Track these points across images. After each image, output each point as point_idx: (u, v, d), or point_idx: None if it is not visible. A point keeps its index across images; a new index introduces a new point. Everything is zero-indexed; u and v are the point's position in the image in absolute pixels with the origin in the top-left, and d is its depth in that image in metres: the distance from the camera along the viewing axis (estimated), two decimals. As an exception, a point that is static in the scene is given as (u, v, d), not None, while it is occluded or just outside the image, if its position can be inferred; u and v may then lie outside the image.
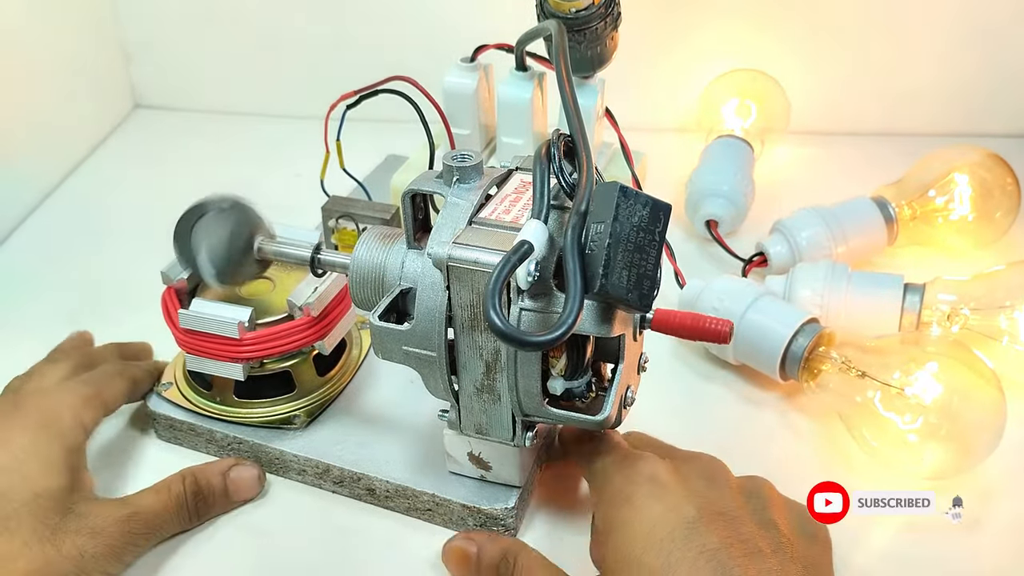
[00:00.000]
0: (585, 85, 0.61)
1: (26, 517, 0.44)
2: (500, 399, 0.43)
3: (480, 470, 0.49)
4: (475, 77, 0.63)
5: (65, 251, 0.73)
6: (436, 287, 0.42)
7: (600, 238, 0.38)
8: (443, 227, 0.43)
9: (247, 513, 0.51)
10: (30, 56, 0.77)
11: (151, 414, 0.54)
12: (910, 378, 0.51)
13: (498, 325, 0.35)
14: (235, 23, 0.86)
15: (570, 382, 0.43)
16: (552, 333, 0.36)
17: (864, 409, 0.52)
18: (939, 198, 0.66)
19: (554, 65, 0.46)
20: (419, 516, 0.50)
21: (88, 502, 0.46)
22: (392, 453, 0.51)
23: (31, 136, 0.77)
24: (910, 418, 0.51)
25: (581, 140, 0.42)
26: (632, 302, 0.38)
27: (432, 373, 0.44)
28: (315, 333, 0.52)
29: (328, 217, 0.64)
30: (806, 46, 0.80)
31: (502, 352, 0.42)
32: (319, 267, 0.50)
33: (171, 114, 0.91)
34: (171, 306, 0.52)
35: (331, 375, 0.55)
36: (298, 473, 0.52)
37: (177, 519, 0.49)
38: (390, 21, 0.82)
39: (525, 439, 0.44)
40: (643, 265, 0.38)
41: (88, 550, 0.44)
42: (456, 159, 0.44)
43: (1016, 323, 0.56)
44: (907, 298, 0.58)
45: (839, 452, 0.54)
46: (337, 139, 0.62)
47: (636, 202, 0.38)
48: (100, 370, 0.53)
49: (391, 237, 0.47)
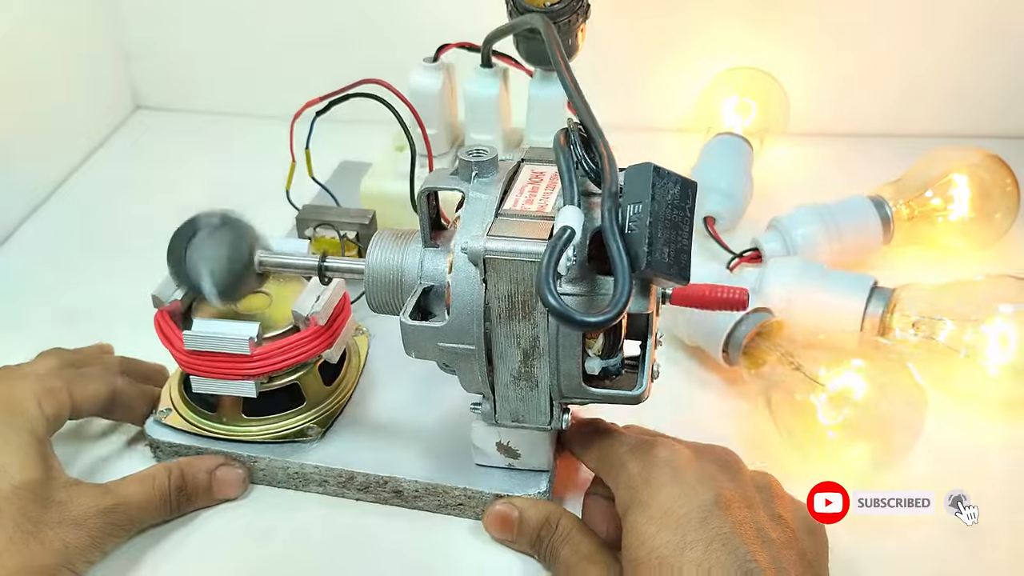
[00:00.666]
0: (553, 78, 0.63)
1: (8, 511, 0.43)
2: (537, 385, 0.44)
3: (509, 459, 0.50)
4: (440, 77, 0.63)
5: (65, 252, 0.73)
6: (470, 281, 0.43)
7: (640, 217, 0.39)
8: (470, 222, 0.43)
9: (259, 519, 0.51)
10: (30, 57, 0.76)
11: (152, 442, 0.53)
12: (836, 376, 0.52)
13: (556, 307, 0.36)
14: (235, 24, 0.86)
15: (606, 361, 0.44)
16: (609, 312, 0.37)
17: (790, 401, 0.53)
18: (936, 198, 0.66)
19: (551, 57, 0.47)
20: (449, 512, 0.51)
21: (67, 489, 0.46)
22: (413, 453, 0.52)
23: (31, 137, 0.77)
24: (832, 415, 0.52)
25: (595, 126, 0.43)
26: (674, 276, 0.40)
27: (469, 366, 0.44)
28: (324, 342, 0.51)
29: (304, 226, 0.63)
30: (806, 46, 0.80)
31: (541, 338, 0.43)
32: (328, 275, 0.49)
33: (171, 114, 0.90)
34: (168, 329, 0.51)
35: (337, 384, 0.55)
36: (319, 485, 0.52)
37: (158, 511, 0.49)
38: (392, 21, 0.82)
39: (563, 421, 0.46)
40: (679, 240, 0.40)
41: (71, 542, 0.44)
42: (472, 154, 0.44)
43: (983, 337, 0.55)
44: (872, 301, 0.58)
45: (767, 442, 0.54)
46: (306, 147, 0.61)
47: (668, 181, 0.40)
48: (80, 370, 0.52)
49: (403, 238, 0.47)
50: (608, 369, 0.44)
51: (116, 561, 0.48)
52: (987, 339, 0.55)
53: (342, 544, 0.50)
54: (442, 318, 0.45)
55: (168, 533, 0.50)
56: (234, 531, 0.50)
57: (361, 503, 0.52)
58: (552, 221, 0.42)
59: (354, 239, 0.62)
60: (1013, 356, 0.55)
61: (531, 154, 0.47)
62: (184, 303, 0.52)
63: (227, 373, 0.50)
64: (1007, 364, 0.55)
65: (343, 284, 0.53)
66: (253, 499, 0.52)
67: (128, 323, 0.60)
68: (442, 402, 0.55)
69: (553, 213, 0.43)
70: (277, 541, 0.50)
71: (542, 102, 0.63)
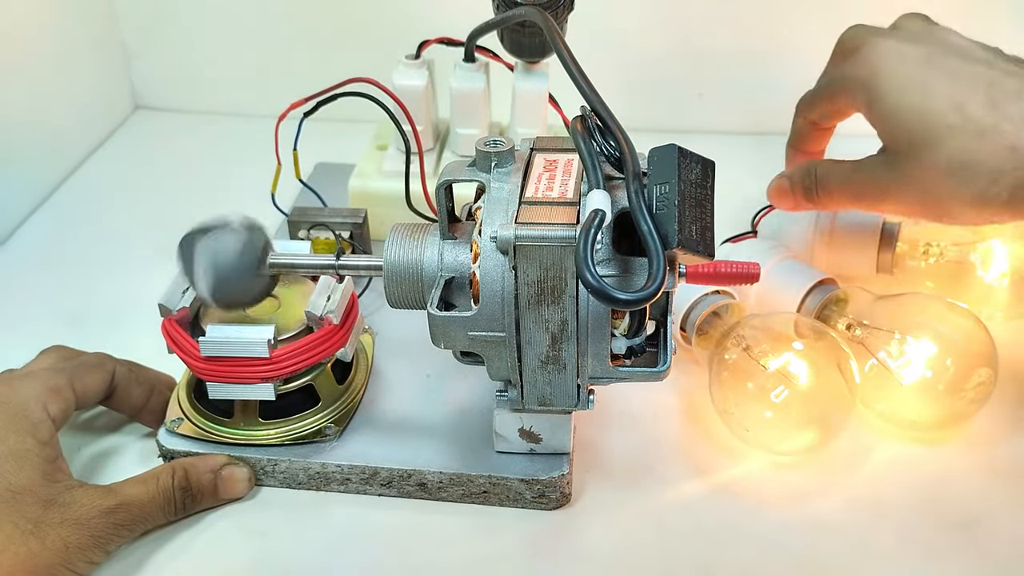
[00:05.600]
0: (535, 71, 0.64)
1: (5, 514, 0.43)
2: (565, 368, 0.45)
3: (530, 444, 0.51)
4: (424, 74, 0.64)
5: (65, 253, 0.72)
6: (499, 269, 0.43)
7: (667, 197, 0.41)
8: (494, 211, 0.44)
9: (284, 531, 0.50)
10: (30, 56, 0.75)
11: (166, 452, 0.52)
12: (776, 357, 0.52)
13: (597, 287, 0.38)
14: (235, 23, 0.85)
15: (631, 340, 0.45)
16: (649, 288, 0.38)
17: (731, 380, 0.53)
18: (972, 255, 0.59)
19: (554, 47, 0.48)
20: (473, 500, 0.51)
21: (71, 491, 0.46)
22: (432, 446, 0.52)
23: (31, 137, 0.75)
24: (772, 394, 0.51)
25: (607, 112, 0.45)
26: (702, 252, 0.41)
27: (499, 354, 0.45)
28: (339, 340, 0.51)
29: (296, 229, 0.63)
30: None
31: (569, 322, 0.44)
32: (343, 272, 0.49)
33: (171, 114, 0.89)
34: (180, 337, 0.50)
35: (349, 383, 0.55)
36: (340, 483, 0.52)
37: (163, 512, 0.49)
38: (395, 18, 0.82)
39: (589, 402, 0.47)
40: (704, 218, 0.42)
41: (72, 541, 0.44)
42: (490, 145, 0.45)
43: (902, 345, 0.53)
44: (810, 297, 0.57)
45: (707, 423, 0.56)
46: (294, 148, 0.61)
47: (691, 161, 0.42)
48: (78, 360, 0.52)
49: (418, 232, 0.48)
50: (633, 348, 0.46)
51: (120, 562, 0.48)
52: (906, 353, 0.53)
53: (352, 542, 0.50)
54: (467, 307, 0.45)
55: (174, 535, 0.50)
56: (239, 532, 0.50)
57: (370, 499, 0.52)
58: (575, 206, 0.43)
59: (348, 238, 0.62)
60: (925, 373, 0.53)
61: (540, 143, 0.48)
62: (192, 310, 0.51)
63: (245, 377, 0.49)
64: (918, 381, 0.53)
65: (351, 282, 0.53)
66: (258, 501, 0.52)
67: (128, 323, 0.61)
68: (451, 395, 0.56)
69: (574, 198, 0.44)
70: (283, 542, 0.50)
71: (526, 95, 0.64)
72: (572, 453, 0.52)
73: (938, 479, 0.52)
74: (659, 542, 0.49)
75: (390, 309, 0.48)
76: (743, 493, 0.52)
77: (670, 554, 0.49)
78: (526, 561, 0.49)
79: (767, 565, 0.48)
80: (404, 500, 0.52)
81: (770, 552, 0.49)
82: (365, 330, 0.60)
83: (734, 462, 0.54)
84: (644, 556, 0.49)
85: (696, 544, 0.49)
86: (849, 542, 0.49)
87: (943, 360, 0.53)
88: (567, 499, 0.51)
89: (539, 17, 0.51)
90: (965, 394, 0.52)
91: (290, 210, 0.63)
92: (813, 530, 0.50)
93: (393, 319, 0.57)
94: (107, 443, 0.55)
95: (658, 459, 0.54)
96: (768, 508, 0.51)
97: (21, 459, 0.45)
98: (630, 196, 0.41)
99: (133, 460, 0.54)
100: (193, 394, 0.54)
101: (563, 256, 0.42)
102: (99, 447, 0.55)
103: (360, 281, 0.63)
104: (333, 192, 0.66)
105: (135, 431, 0.55)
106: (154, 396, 0.54)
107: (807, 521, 0.50)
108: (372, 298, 0.63)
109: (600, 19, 0.74)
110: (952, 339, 0.53)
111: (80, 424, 0.56)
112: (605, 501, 0.52)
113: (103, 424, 0.56)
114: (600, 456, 0.54)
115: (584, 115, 0.45)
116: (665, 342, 0.46)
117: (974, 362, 0.52)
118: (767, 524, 0.50)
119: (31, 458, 0.45)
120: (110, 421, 0.56)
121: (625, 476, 0.53)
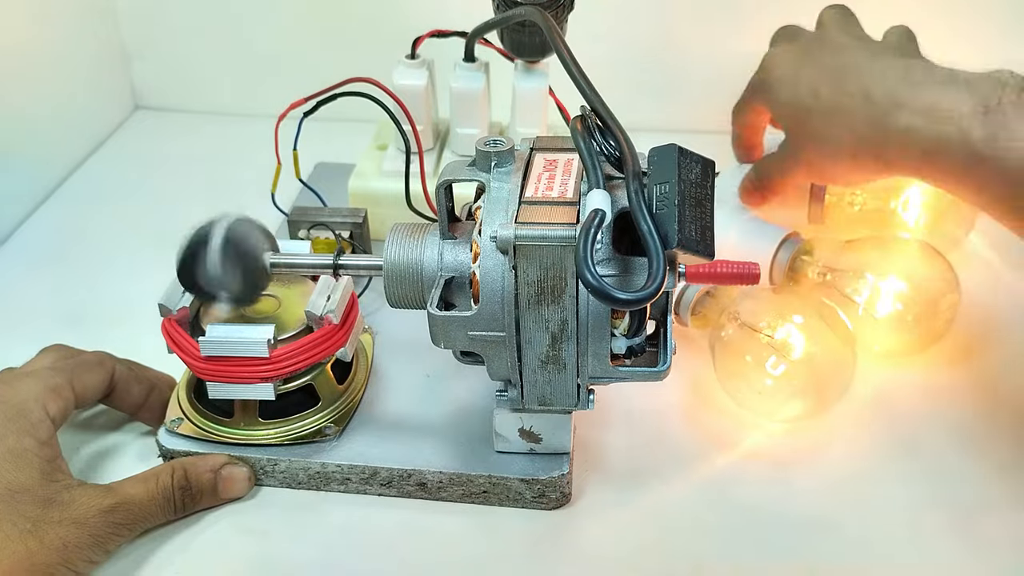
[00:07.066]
0: (535, 71, 0.64)
1: (4, 513, 0.43)
2: (565, 367, 0.45)
3: (530, 444, 0.51)
4: (424, 73, 0.64)
5: (65, 252, 0.72)
6: (499, 269, 0.43)
7: (667, 197, 0.41)
8: (494, 211, 0.44)
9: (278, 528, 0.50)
10: (30, 57, 0.75)
11: (167, 452, 0.52)
12: (777, 328, 0.54)
13: (597, 286, 0.38)
14: (235, 23, 0.85)
15: (631, 340, 0.45)
16: (649, 288, 0.38)
17: (730, 351, 0.55)
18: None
19: (554, 46, 0.48)
20: (473, 500, 0.51)
21: (70, 490, 0.46)
22: (432, 446, 0.52)
23: (31, 137, 0.76)
24: (771, 364, 0.53)
25: (607, 111, 0.45)
26: (702, 252, 0.41)
27: (499, 353, 0.45)
28: (339, 340, 0.51)
29: (296, 228, 0.63)
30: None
31: (569, 322, 0.44)
32: (342, 272, 0.49)
33: (171, 115, 0.90)
34: (180, 337, 0.50)
35: (348, 383, 0.55)
36: (340, 483, 0.52)
37: (162, 511, 0.49)
38: (395, 18, 0.81)
39: (589, 402, 0.47)
40: (703, 218, 0.42)
41: (71, 540, 0.44)
42: (490, 144, 0.45)
43: (875, 289, 0.58)
44: (780, 252, 0.60)
45: (708, 392, 0.57)
46: (294, 148, 0.61)
47: (691, 160, 0.42)
48: (78, 359, 0.52)
49: (418, 232, 0.48)
50: (632, 348, 0.46)
51: (120, 562, 0.48)
52: (880, 293, 0.59)
53: (352, 542, 0.50)
54: (467, 307, 0.45)
55: (174, 535, 0.50)
56: (239, 532, 0.50)
57: (370, 499, 0.52)
58: (575, 206, 0.43)
59: (348, 238, 0.62)
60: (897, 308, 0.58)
61: (540, 142, 0.48)
62: (191, 309, 0.51)
63: (246, 377, 0.49)
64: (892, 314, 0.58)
65: (351, 282, 0.53)
66: (257, 501, 0.52)
67: (128, 323, 0.60)
68: (451, 395, 0.56)
69: (574, 198, 0.44)
70: (283, 542, 0.50)
71: (526, 94, 0.64)
72: (572, 453, 0.52)
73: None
74: (659, 542, 0.50)
75: (390, 309, 0.48)
76: (743, 493, 0.52)
77: (670, 554, 0.49)
78: (526, 561, 0.49)
79: (767, 565, 0.48)
80: (404, 500, 0.52)
81: (770, 552, 0.49)
82: (365, 330, 0.60)
83: (734, 462, 0.54)
84: (644, 556, 0.49)
85: (696, 544, 0.49)
86: (849, 543, 0.50)
87: (914, 292, 0.58)
88: (567, 499, 0.51)
89: (539, 17, 0.51)
90: (941, 315, 0.59)
91: (290, 210, 0.64)
92: (813, 530, 0.50)
93: (393, 319, 0.57)
94: (106, 442, 0.55)
95: (658, 459, 0.54)
96: (768, 508, 0.51)
97: (20, 458, 0.45)
98: (630, 196, 0.41)
99: (132, 459, 0.54)
100: (193, 394, 0.54)
101: (563, 256, 0.42)
102: (98, 446, 0.55)
103: (360, 281, 0.63)
104: (333, 192, 0.67)
105: (134, 430, 0.55)
106: (153, 394, 0.54)
107: (807, 521, 0.50)
108: (372, 298, 0.63)
109: (600, 19, 0.74)
110: (920, 271, 0.59)
111: (80, 423, 0.56)
112: (605, 501, 0.52)
113: (102, 423, 0.56)
114: (600, 456, 0.54)
115: (584, 115, 0.45)
116: (665, 342, 0.46)
117: (944, 288, 0.59)
118: (767, 524, 0.50)
119: (30, 457, 0.45)
120: (109, 420, 0.56)
121: (625, 476, 0.53)
